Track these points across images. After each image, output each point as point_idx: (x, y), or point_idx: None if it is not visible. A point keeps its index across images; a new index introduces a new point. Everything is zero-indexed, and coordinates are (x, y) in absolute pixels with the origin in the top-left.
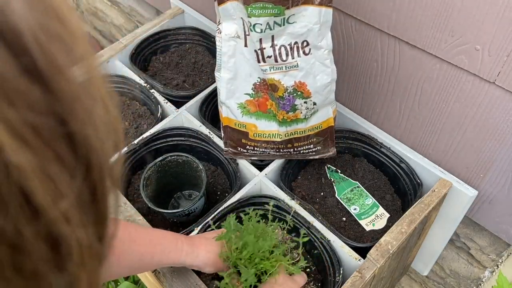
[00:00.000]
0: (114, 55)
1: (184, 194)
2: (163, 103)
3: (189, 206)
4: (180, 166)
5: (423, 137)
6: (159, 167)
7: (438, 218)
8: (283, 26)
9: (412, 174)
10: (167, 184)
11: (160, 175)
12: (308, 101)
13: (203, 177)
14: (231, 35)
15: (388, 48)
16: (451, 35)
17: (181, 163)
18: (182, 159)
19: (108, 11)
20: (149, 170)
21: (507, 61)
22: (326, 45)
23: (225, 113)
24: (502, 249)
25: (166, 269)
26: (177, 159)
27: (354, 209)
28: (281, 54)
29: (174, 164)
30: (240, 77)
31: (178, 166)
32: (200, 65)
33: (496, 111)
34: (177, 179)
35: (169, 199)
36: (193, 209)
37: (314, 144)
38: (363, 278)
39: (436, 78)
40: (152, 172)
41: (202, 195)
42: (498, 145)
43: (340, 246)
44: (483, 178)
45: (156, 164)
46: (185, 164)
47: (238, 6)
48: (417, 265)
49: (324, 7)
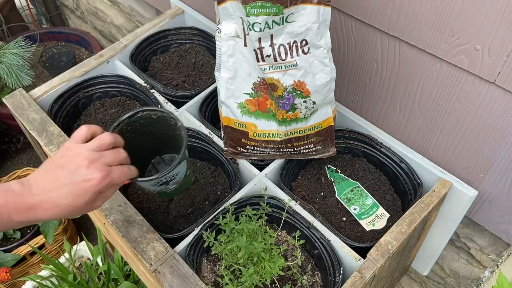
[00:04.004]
0: (114, 55)
1: (165, 159)
2: (163, 103)
3: (165, 172)
4: (155, 124)
5: (423, 137)
6: (128, 126)
7: (438, 218)
8: (282, 25)
9: (412, 174)
10: (142, 148)
11: (131, 135)
12: (308, 100)
13: (183, 135)
14: (230, 35)
15: (388, 48)
16: (451, 35)
17: (155, 119)
18: (156, 114)
19: (108, 11)
20: (114, 130)
21: (507, 61)
22: (325, 44)
23: (225, 112)
24: (502, 249)
25: (166, 270)
26: (149, 115)
27: (354, 209)
28: (280, 53)
29: (147, 122)
30: (240, 77)
31: (152, 125)
32: (200, 65)
33: (496, 111)
34: (153, 141)
35: (147, 167)
36: (171, 176)
37: (314, 143)
38: (363, 278)
39: (436, 78)
40: (120, 132)
41: (183, 158)
42: (498, 145)
43: (340, 246)
44: (483, 178)
45: (123, 122)
46: (161, 121)
47: (237, 5)
48: (417, 265)
49: (322, 5)
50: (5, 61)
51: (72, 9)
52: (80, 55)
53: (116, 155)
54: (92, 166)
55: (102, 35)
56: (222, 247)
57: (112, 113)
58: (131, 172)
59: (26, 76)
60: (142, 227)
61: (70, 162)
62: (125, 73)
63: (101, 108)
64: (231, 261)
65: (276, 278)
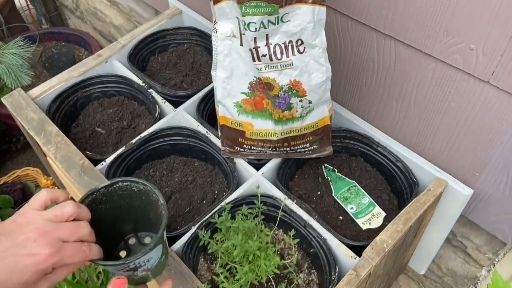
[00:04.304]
0: (113, 55)
1: (140, 237)
2: (161, 102)
3: (134, 258)
4: (136, 197)
5: (419, 136)
6: (103, 196)
7: (434, 217)
8: (277, 25)
9: (408, 173)
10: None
11: (105, 206)
12: (304, 100)
13: (163, 215)
14: (226, 34)
15: (384, 47)
16: (445, 35)
17: (136, 193)
18: (138, 187)
19: (107, 11)
20: (86, 199)
21: (501, 61)
22: (320, 43)
23: (221, 112)
24: (498, 247)
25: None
26: (130, 186)
27: (351, 208)
28: (275, 52)
29: (126, 195)
30: (236, 76)
31: (132, 198)
32: (198, 65)
33: (491, 110)
34: (131, 215)
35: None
36: (141, 261)
37: (311, 143)
38: (359, 276)
39: (432, 78)
40: (92, 202)
41: (159, 241)
42: (493, 144)
43: (336, 244)
44: (479, 177)
45: (98, 191)
46: (142, 195)
47: (233, 5)
48: (414, 264)
49: (317, 5)
50: (5, 61)
51: (72, 10)
52: (80, 55)
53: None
54: (41, 239)
55: (101, 35)
56: (218, 245)
57: (110, 113)
58: (90, 252)
59: (26, 76)
60: None
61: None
62: (123, 73)
63: (99, 108)
64: (227, 259)
65: (272, 276)
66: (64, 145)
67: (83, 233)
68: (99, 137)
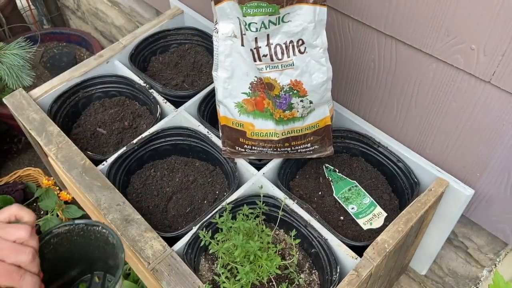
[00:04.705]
0: (114, 56)
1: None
2: (162, 103)
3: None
4: (93, 239)
5: (420, 137)
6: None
7: (435, 217)
8: (278, 25)
9: (409, 173)
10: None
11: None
12: (305, 100)
13: (120, 258)
14: (227, 35)
15: (385, 48)
16: (446, 35)
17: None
18: (94, 230)
19: (108, 11)
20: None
21: (502, 61)
22: (321, 43)
23: (222, 112)
24: (499, 248)
25: (164, 268)
26: (86, 229)
27: (352, 208)
28: (276, 53)
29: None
30: (237, 76)
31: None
32: (199, 65)
33: (492, 111)
34: (88, 254)
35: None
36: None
37: (312, 143)
38: (360, 276)
39: (433, 78)
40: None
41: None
42: (494, 144)
43: (337, 245)
44: (480, 177)
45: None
46: (100, 238)
47: (234, 5)
48: (416, 264)
49: (318, 5)
50: (6, 62)
51: (73, 10)
52: (81, 56)
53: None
54: None
55: (102, 36)
56: (219, 246)
57: (111, 113)
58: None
59: (27, 77)
60: (140, 226)
61: None
62: (124, 73)
63: (100, 108)
64: (228, 259)
65: (273, 276)
66: (65, 145)
67: (23, 259)
68: (100, 137)
